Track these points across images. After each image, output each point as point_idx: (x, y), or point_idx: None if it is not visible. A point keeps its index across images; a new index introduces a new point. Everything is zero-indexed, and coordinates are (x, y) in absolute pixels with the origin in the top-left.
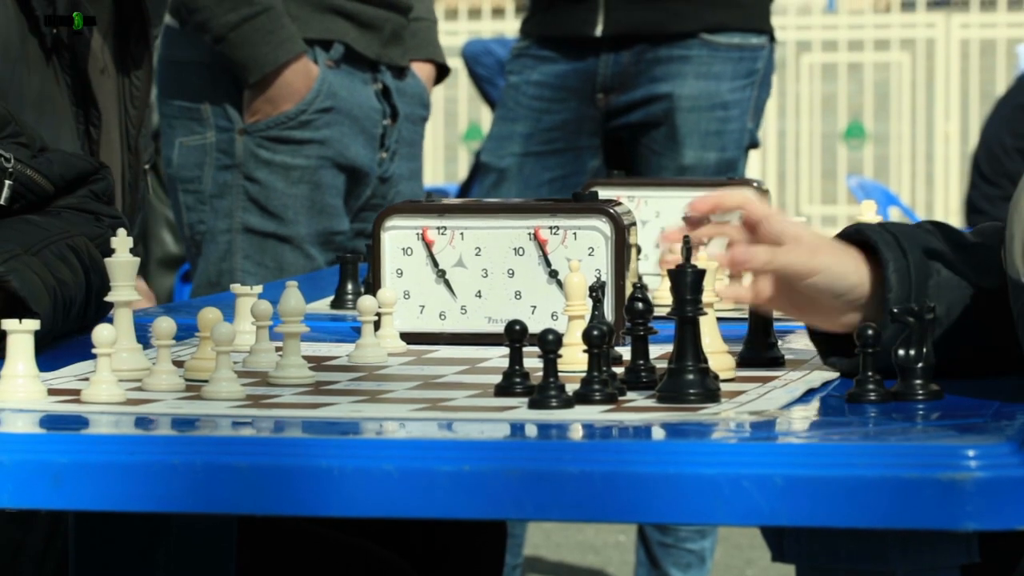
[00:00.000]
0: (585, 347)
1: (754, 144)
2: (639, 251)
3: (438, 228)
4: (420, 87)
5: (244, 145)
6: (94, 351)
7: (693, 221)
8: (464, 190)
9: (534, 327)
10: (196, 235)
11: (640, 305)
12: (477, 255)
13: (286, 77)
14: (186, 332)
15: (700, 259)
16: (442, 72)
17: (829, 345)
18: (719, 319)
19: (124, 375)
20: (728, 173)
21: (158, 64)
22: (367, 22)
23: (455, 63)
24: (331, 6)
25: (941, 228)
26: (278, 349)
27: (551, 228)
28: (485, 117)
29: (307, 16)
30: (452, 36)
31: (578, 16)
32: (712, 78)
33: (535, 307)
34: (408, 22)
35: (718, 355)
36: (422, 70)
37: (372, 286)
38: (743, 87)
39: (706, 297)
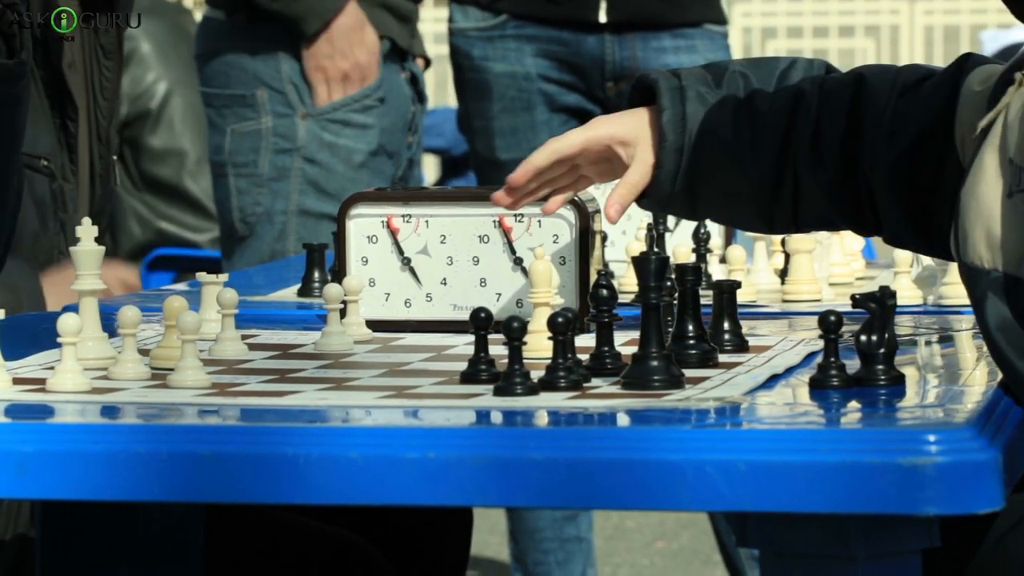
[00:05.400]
0: (550, 334)
1: None
2: (604, 238)
3: (403, 216)
4: (422, 76)
5: (307, 129)
6: (59, 340)
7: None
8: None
9: (499, 314)
10: (249, 217)
11: (605, 292)
12: (442, 243)
13: (342, 21)
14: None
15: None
16: (425, 66)
17: None
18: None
19: (90, 364)
20: None
21: (197, 58)
22: (404, 15)
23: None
24: (381, 1)
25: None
26: (244, 337)
27: (516, 216)
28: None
29: (365, 11)
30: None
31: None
32: None
33: (500, 294)
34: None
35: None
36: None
37: (338, 274)
38: None
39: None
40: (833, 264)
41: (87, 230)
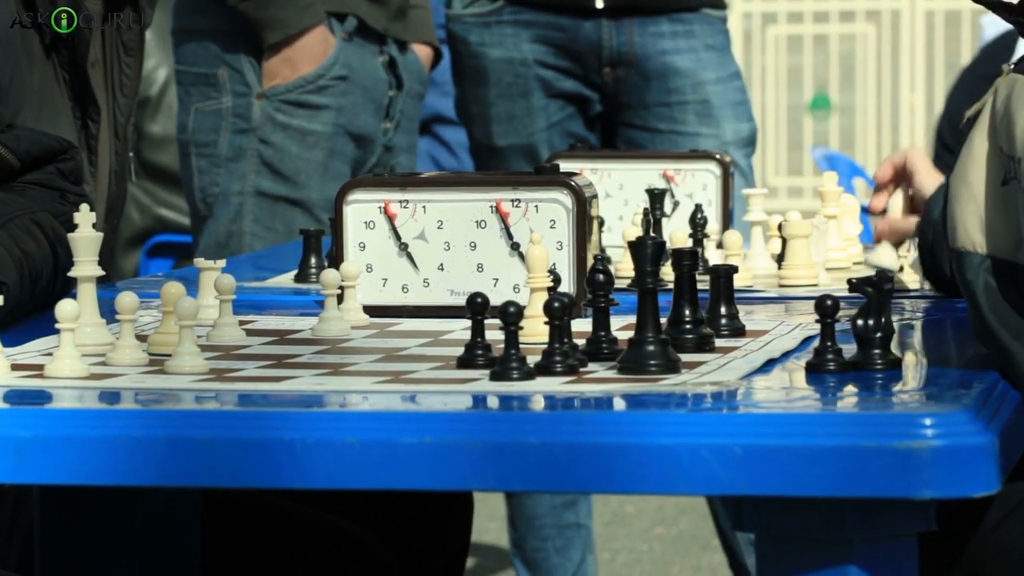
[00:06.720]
0: (547, 319)
1: None
2: (602, 223)
3: (400, 201)
4: (420, 65)
5: (262, 109)
6: (57, 326)
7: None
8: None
9: (496, 299)
10: (208, 198)
11: (601, 277)
12: (439, 228)
13: (306, 41)
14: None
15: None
16: (437, 56)
17: None
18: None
19: (88, 350)
20: (755, 143)
21: (173, 34)
22: None
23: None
24: None
25: None
26: (242, 323)
27: (513, 201)
28: None
29: None
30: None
31: None
32: (718, 49)
33: (497, 279)
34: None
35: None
36: (421, 52)
37: (335, 259)
38: (732, 58)
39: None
40: (830, 249)
41: (85, 216)
